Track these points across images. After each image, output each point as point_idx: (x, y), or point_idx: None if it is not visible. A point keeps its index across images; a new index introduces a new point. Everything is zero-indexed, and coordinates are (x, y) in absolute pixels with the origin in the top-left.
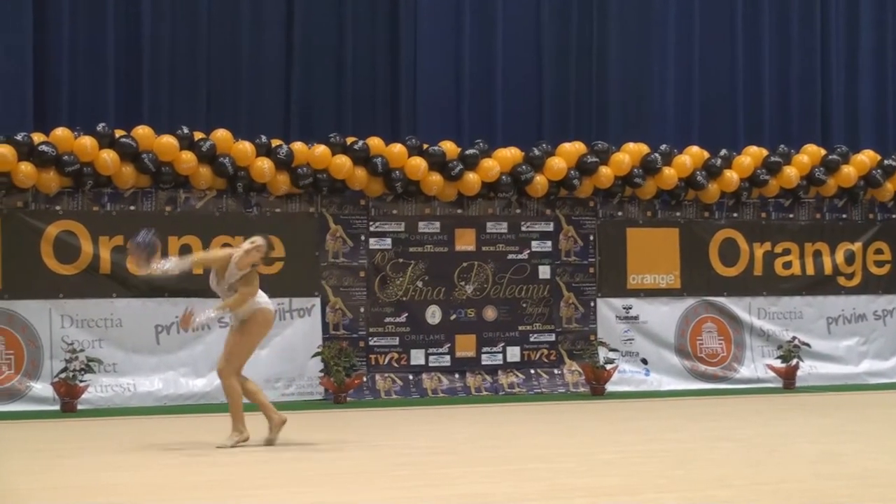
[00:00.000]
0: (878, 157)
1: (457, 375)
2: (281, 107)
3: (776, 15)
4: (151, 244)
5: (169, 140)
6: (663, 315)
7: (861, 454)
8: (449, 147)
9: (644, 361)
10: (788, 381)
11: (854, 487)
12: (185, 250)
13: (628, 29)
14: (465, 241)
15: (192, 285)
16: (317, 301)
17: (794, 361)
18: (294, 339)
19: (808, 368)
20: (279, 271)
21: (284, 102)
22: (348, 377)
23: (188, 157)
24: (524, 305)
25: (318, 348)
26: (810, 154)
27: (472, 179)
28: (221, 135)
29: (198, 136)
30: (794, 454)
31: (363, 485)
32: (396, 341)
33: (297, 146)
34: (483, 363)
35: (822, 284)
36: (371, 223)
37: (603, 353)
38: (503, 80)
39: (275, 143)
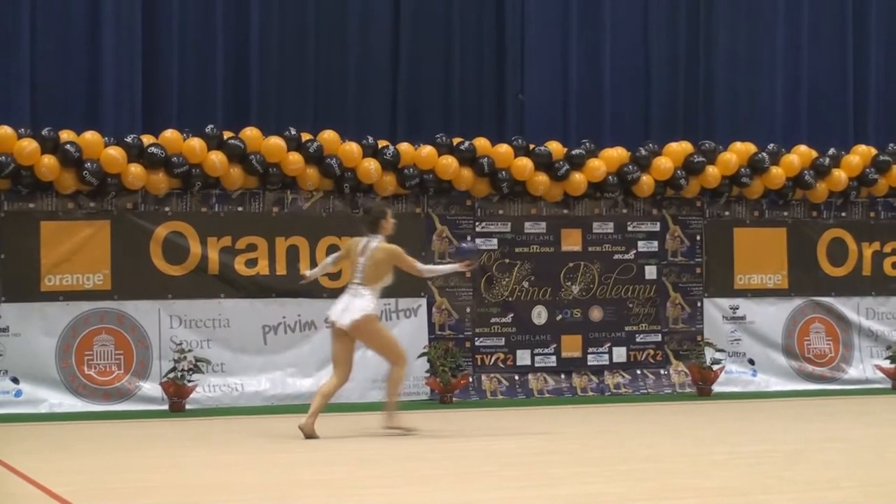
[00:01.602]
0: None
1: (563, 376)
2: (388, 108)
3: (885, 12)
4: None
5: (276, 141)
6: (770, 315)
7: None
8: (555, 147)
9: (751, 362)
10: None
11: None
12: (291, 252)
13: (736, 29)
14: (572, 241)
15: (298, 286)
16: (423, 301)
17: None
18: (400, 339)
19: None
20: None
21: (391, 104)
22: (454, 377)
23: (296, 158)
24: (630, 306)
25: (424, 349)
26: None
27: (579, 179)
28: (329, 136)
29: (305, 137)
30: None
31: (473, 484)
32: (502, 342)
33: (404, 147)
34: (589, 363)
35: None
36: (477, 223)
37: (710, 354)
38: (611, 80)
39: (382, 143)
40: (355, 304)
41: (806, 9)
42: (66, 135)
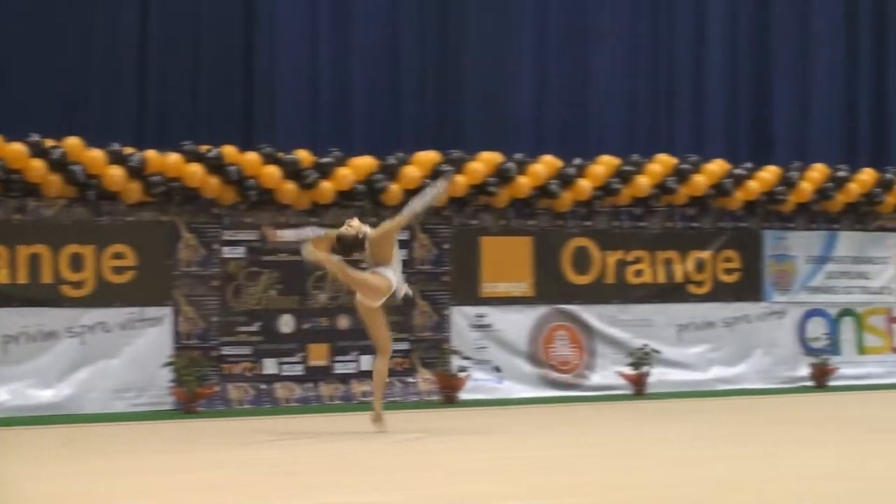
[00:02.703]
0: (728, 166)
1: (310, 384)
2: (134, 114)
3: (616, 19)
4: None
5: (18, 147)
6: (516, 323)
7: (715, 460)
8: (303, 155)
9: (497, 369)
10: (638, 387)
11: (709, 493)
12: (33, 260)
13: (485, 36)
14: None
15: (41, 294)
16: (168, 310)
17: (645, 368)
18: (145, 348)
19: (658, 375)
20: (130, 280)
21: (138, 110)
22: (199, 387)
23: (38, 164)
24: None
25: (168, 358)
26: (662, 163)
27: (327, 188)
28: (73, 142)
29: (48, 143)
30: (647, 460)
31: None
32: (249, 350)
33: (151, 154)
34: (336, 372)
35: (672, 292)
36: (224, 232)
37: (456, 362)
38: (361, 89)
39: (127, 150)
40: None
41: (554, 18)
42: None
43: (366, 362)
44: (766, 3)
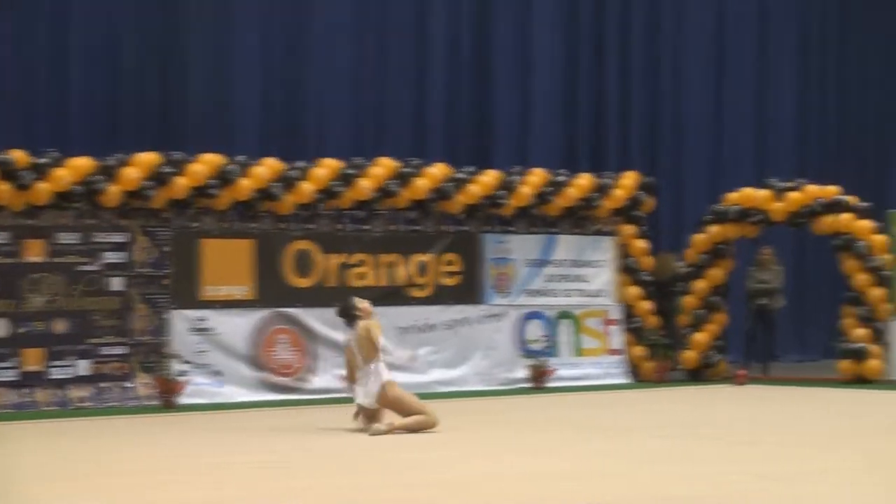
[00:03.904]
0: (449, 170)
1: (25, 390)
2: None
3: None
4: None
5: None
6: (237, 327)
7: (445, 461)
8: (19, 156)
9: (217, 373)
10: None
11: (447, 494)
12: None
13: (208, 38)
14: (35, 251)
15: None
16: None
17: None
18: None
19: None
20: None
21: None
22: None
23: None
24: (96, 317)
25: None
26: (383, 166)
27: (43, 189)
28: None
29: None
30: (370, 463)
31: None
32: None
33: None
34: (52, 377)
35: (394, 295)
36: None
37: (176, 366)
38: (79, 90)
39: None
40: (371, 383)
41: (276, 21)
42: None
43: (83, 367)
44: (487, 13)
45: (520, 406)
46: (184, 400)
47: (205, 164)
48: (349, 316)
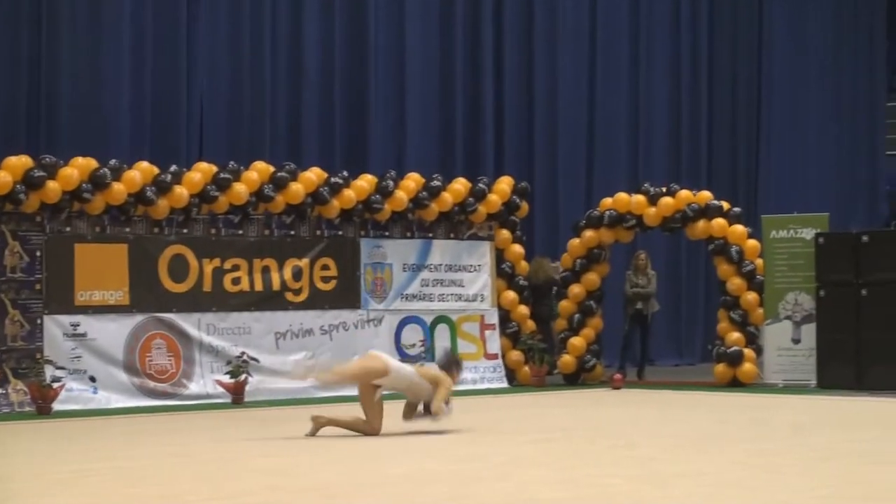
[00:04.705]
0: (324, 175)
1: None
2: None
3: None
4: None
5: None
6: (112, 332)
7: (315, 466)
8: None
9: (92, 379)
10: (237, 395)
11: (311, 500)
12: None
13: (80, 41)
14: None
15: None
16: None
17: (243, 376)
18: None
19: (256, 383)
20: None
21: None
22: None
23: None
24: None
25: None
26: (259, 171)
27: None
28: None
29: None
30: (247, 468)
31: None
32: None
33: None
34: None
35: (270, 300)
36: None
37: (49, 372)
38: None
39: None
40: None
41: (150, 21)
42: None
43: None
44: (362, 16)
45: (396, 411)
46: (58, 406)
47: (77, 167)
48: (448, 365)
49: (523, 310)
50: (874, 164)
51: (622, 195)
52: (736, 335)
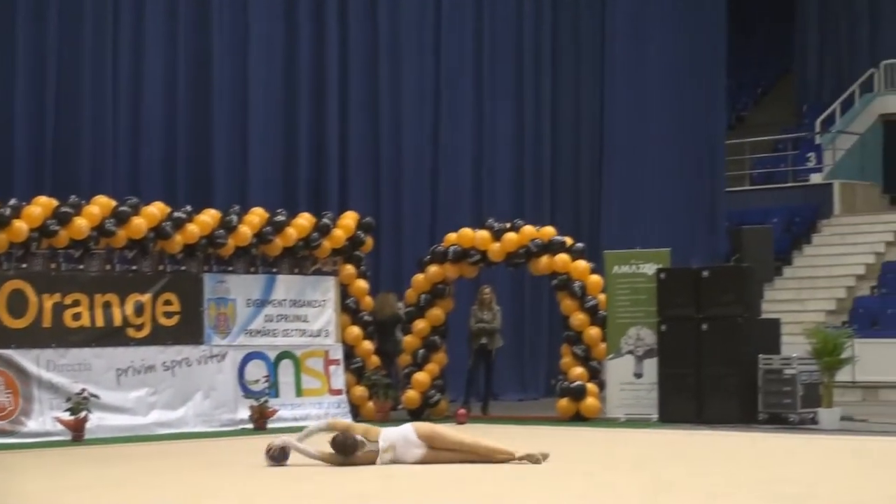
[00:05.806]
0: (168, 209)
1: None
2: None
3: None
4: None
5: None
6: None
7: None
8: None
9: None
10: (77, 433)
11: None
12: None
13: None
14: None
15: None
16: None
17: (83, 413)
18: None
19: (97, 420)
20: None
21: None
22: None
23: None
24: None
25: None
26: (100, 205)
27: None
28: None
29: None
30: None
31: None
32: None
33: None
34: None
35: (111, 336)
36: None
37: None
38: None
39: None
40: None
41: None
42: None
43: None
44: (207, 49)
45: (239, 448)
46: None
47: None
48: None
49: (368, 345)
50: (714, 201)
51: (466, 230)
52: (579, 370)
